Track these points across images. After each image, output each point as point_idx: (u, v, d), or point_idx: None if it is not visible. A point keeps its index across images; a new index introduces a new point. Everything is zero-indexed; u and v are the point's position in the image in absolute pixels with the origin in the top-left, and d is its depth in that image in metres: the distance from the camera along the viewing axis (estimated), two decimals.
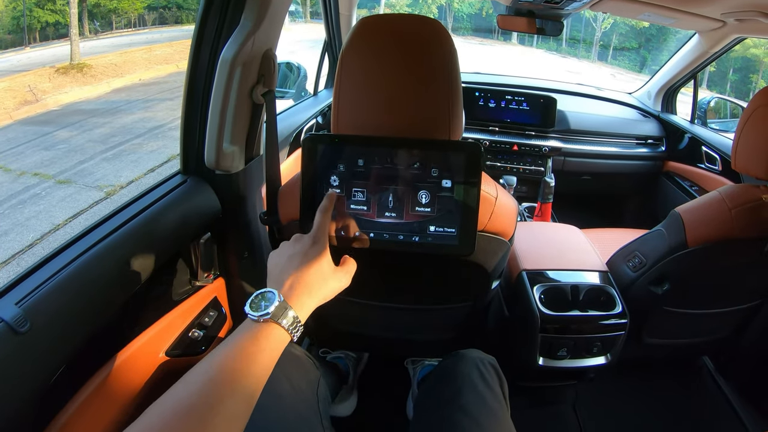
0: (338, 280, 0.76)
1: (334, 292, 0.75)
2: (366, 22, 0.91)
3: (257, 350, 0.62)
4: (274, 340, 0.65)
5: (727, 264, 1.41)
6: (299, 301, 0.69)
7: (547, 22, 2.22)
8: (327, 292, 0.74)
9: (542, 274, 1.51)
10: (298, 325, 0.67)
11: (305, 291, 0.70)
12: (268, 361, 0.63)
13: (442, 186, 0.81)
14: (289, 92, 2.31)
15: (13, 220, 5.09)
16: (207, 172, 1.28)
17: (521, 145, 2.67)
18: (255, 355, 0.62)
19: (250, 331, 0.64)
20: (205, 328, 1.31)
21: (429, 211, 0.82)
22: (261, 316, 0.64)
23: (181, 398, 0.57)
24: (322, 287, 0.73)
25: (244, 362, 0.61)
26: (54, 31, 14.04)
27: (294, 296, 0.68)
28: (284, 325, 0.65)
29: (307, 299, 0.70)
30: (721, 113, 2.80)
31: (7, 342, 0.77)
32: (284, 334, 0.66)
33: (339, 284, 0.76)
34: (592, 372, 1.55)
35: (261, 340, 0.63)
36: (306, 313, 0.70)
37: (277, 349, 0.65)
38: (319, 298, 0.72)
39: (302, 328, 0.68)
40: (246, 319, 0.66)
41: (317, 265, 0.73)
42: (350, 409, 1.68)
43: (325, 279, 0.73)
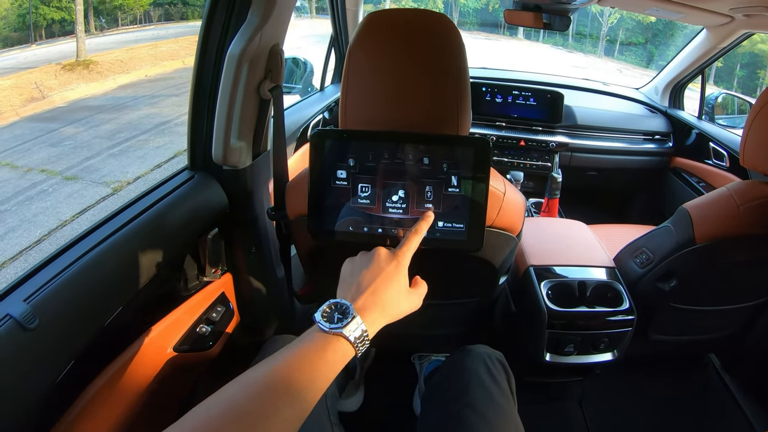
0: (411, 302, 0.75)
1: (405, 313, 0.74)
2: (373, 17, 0.91)
3: (322, 363, 0.61)
4: (340, 354, 0.63)
5: (734, 261, 1.40)
6: (371, 318, 0.67)
7: (555, 17, 2.21)
8: (398, 312, 0.72)
9: (549, 269, 1.50)
10: (365, 340, 0.66)
11: (379, 308, 0.69)
12: (330, 373, 0.62)
13: (451, 181, 0.81)
14: (296, 88, 2.31)
15: (21, 217, 5.12)
16: (214, 168, 1.28)
17: (528, 141, 2.66)
18: (319, 367, 0.61)
19: (318, 341, 0.63)
20: (213, 323, 1.31)
21: (437, 206, 0.82)
22: (333, 329, 0.63)
23: (235, 401, 0.55)
24: (396, 307, 0.72)
25: (307, 373, 0.59)
26: (60, 28, 14.05)
27: (367, 312, 0.67)
28: (352, 341, 0.64)
29: (379, 317, 0.69)
30: (728, 109, 2.78)
31: (15, 338, 0.77)
32: (350, 349, 0.64)
33: (410, 306, 0.75)
34: (598, 368, 1.55)
35: (328, 353, 0.62)
36: (375, 330, 0.68)
37: (341, 362, 0.63)
38: (390, 318, 0.71)
39: (368, 343, 0.66)
40: (314, 327, 0.64)
41: (396, 284, 0.72)
42: (357, 404, 1.68)
43: (399, 299, 0.72)
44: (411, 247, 0.76)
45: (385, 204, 0.82)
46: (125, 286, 1.02)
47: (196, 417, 0.53)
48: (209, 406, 0.55)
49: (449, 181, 0.81)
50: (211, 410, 0.54)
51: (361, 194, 0.83)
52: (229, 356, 1.37)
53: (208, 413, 0.54)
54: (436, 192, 0.81)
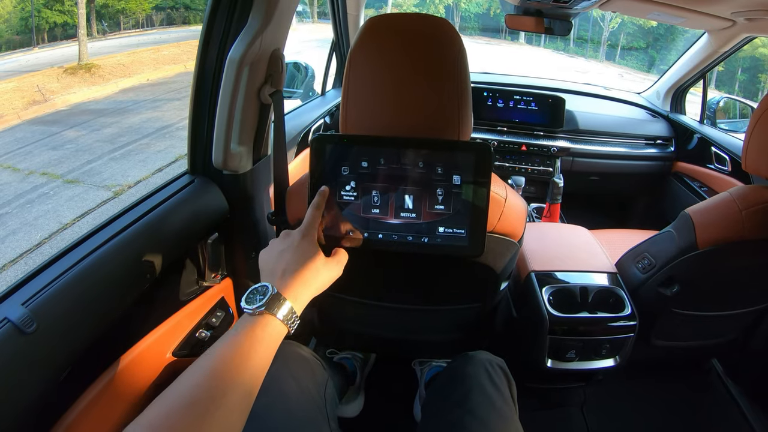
0: (330, 270, 0.77)
1: (327, 283, 0.77)
2: (374, 21, 0.91)
3: (255, 342, 0.63)
4: (271, 331, 0.66)
5: (737, 266, 1.39)
6: (294, 293, 0.70)
7: (556, 21, 2.21)
8: (320, 282, 0.75)
9: (551, 275, 1.50)
10: (294, 317, 0.68)
11: (299, 282, 0.71)
12: (266, 353, 0.65)
13: (452, 186, 0.80)
14: (297, 92, 2.30)
15: (22, 220, 5.13)
16: (214, 173, 1.28)
17: (529, 146, 2.65)
18: (253, 347, 0.63)
19: (247, 324, 0.65)
20: (213, 328, 1.31)
21: (438, 211, 0.81)
22: (256, 308, 0.66)
23: (182, 393, 0.57)
24: (316, 278, 0.74)
25: (243, 355, 0.62)
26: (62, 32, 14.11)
27: (288, 288, 0.70)
28: (280, 317, 0.66)
29: (302, 289, 0.71)
30: (730, 113, 2.77)
31: (13, 342, 0.77)
32: (281, 326, 0.67)
33: (331, 274, 0.77)
34: (600, 374, 1.54)
35: (257, 333, 0.64)
36: (301, 304, 0.71)
37: (275, 340, 0.66)
38: (313, 289, 0.74)
39: (299, 320, 0.69)
40: (243, 314, 0.67)
41: (308, 256, 0.75)
42: (357, 409, 1.68)
43: (317, 270, 0.74)
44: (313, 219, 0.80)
45: (388, 209, 0.82)
46: (124, 290, 1.01)
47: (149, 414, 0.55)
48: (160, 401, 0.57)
49: (451, 186, 0.80)
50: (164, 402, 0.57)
51: (360, 199, 0.83)
52: None
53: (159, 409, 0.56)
54: (438, 197, 0.81)
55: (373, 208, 0.83)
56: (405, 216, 0.82)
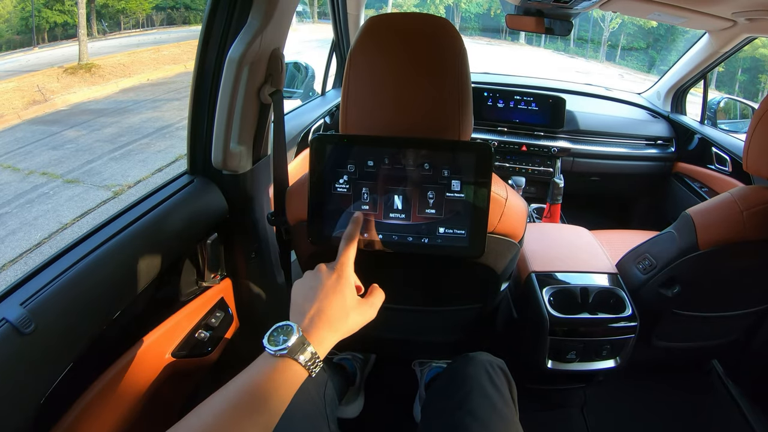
0: (362, 313, 0.75)
1: (358, 326, 0.74)
2: (374, 21, 0.91)
3: (273, 386, 0.61)
4: (290, 376, 0.64)
5: (738, 267, 1.39)
6: (319, 336, 0.67)
7: (556, 21, 2.21)
8: (350, 326, 0.72)
9: (551, 276, 1.49)
10: (316, 360, 0.66)
11: (326, 326, 0.69)
12: (283, 396, 0.62)
13: (452, 187, 0.80)
14: (297, 92, 2.30)
15: (21, 219, 5.13)
16: (214, 173, 1.27)
17: (530, 146, 2.65)
18: (271, 391, 0.61)
19: (267, 366, 0.63)
20: (212, 329, 1.30)
21: (438, 212, 0.81)
22: (278, 352, 0.63)
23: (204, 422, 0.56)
24: (345, 322, 0.71)
25: (259, 398, 0.60)
26: (62, 32, 14.11)
27: (314, 331, 0.67)
28: (301, 362, 0.64)
29: (328, 334, 0.69)
30: (731, 114, 2.77)
31: (11, 343, 0.77)
32: (301, 371, 0.65)
33: (363, 318, 0.75)
34: (601, 375, 1.54)
35: (277, 376, 0.62)
36: (326, 348, 0.68)
37: (294, 385, 0.64)
38: (341, 333, 0.71)
39: (321, 364, 0.67)
40: (264, 353, 0.65)
41: (340, 298, 0.72)
42: (357, 410, 1.67)
43: (347, 313, 0.72)
44: (348, 255, 0.76)
45: (386, 210, 0.82)
46: (123, 291, 1.01)
47: None
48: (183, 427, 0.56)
49: (451, 186, 0.80)
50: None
51: (361, 200, 0.82)
52: (228, 362, 1.37)
53: None
54: (437, 198, 0.80)
55: (372, 208, 0.82)
56: (404, 216, 0.82)
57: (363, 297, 0.77)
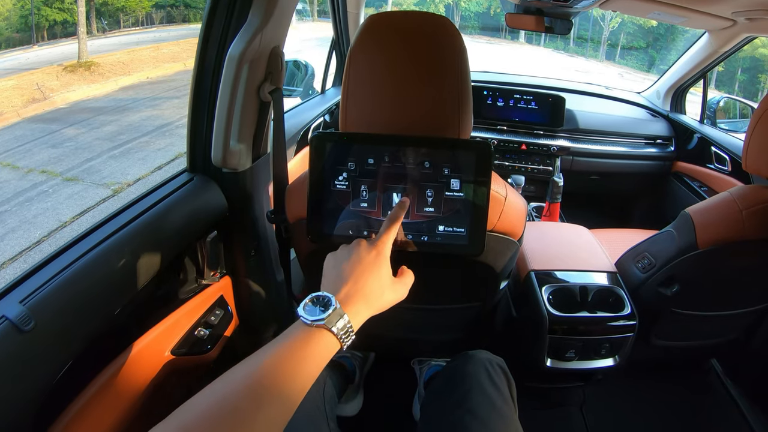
0: (395, 291, 0.74)
1: (390, 304, 0.74)
2: (374, 19, 0.91)
3: (306, 356, 0.60)
4: (324, 347, 0.63)
5: (737, 266, 1.39)
6: (354, 309, 0.67)
7: (556, 20, 2.21)
8: (383, 303, 0.72)
9: (551, 274, 1.50)
10: (350, 332, 0.65)
11: (362, 299, 0.68)
12: (315, 367, 0.61)
13: (452, 185, 0.80)
14: (297, 90, 2.30)
15: (21, 218, 5.12)
16: (214, 170, 1.27)
17: (529, 145, 2.65)
18: (303, 361, 0.60)
19: (301, 334, 0.62)
20: (211, 326, 1.30)
21: (438, 210, 0.81)
22: (315, 321, 0.63)
23: (219, 398, 0.55)
24: (380, 298, 0.71)
25: (291, 367, 0.59)
26: (62, 30, 14.07)
27: (350, 303, 0.67)
28: (336, 333, 0.63)
29: (363, 308, 0.68)
30: (730, 113, 2.77)
31: (11, 340, 0.77)
32: (334, 342, 0.64)
33: (395, 296, 0.74)
34: (600, 374, 1.54)
35: (311, 346, 0.61)
36: (359, 321, 0.68)
37: (326, 356, 0.63)
38: (375, 309, 0.71)
39: (354, 337, 0.66)
40: (297, 321, 0.64)
41: (377, 274, 0.71)
42: (356, 408, 1.67)
43: (383, 289, 0.72)
44: (390, 234, 0.76)
45: (386, 208, 0.82)
46: (123, 289, 1.01)
47: (182, 416, 0.53)
48: (194, 404, 0.54)
49: (450, 184, 0.80)
50: (196, 408, 0.54)
51: (361, 198, 0.82)
52: (228, 360, 1.36)
53: (193, 412, 0.53)
54: (436, 196, 0.80)
55: (371, 206, 0.82)
56: None
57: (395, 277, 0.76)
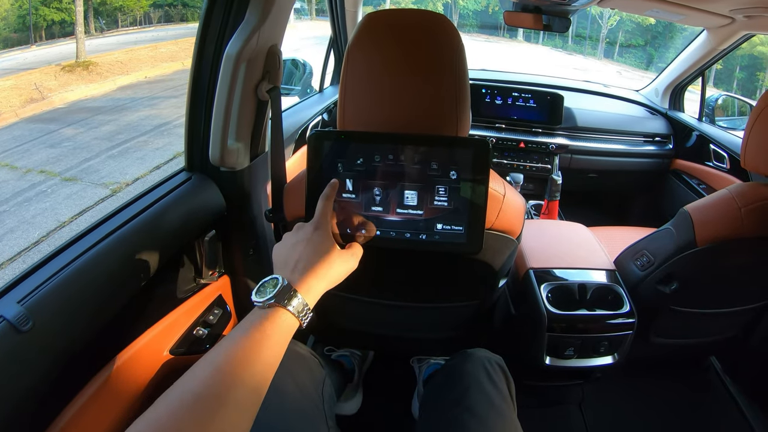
0: (345, 262, 0.75)
1: (342, 276, 0.75)
2: (372, 17, 0.90)
3: (264, 337, 0.61)
4: (282, 325, 0.64)
5: (736, 263, 1.39)
6: (306, 285, 0.68)
7: (554, 18, 2.21)
8: (334, 275, 0.73)
9: (549, 272, 1.50)
10: (306, 310, 0.66)
11: (312, 275, 0.69)
12: (276, 347, 0.62)
13: (450, 183, 0.80)
14: (295, 89, 2.30)
15: (19, 218, 5.12)
16: (212, 169, 1.27)
17: (528, 143, 2.65)
18: (262, 341, 0.61)
19: (257, 318, 0.63)
20: (210, 326, 1.30)
21: (436, 208, 0.81)
22: (266, 301, 0.64)
23: (188, 389, 0.55)
24: (329, 270, 0.72)
25: (252, 350, 0.60)
26: (60, 29, 14.07)
27: (300, 281, 0.68)
28: (291, 310, 0.64)
29: (315, 282, 0.69)
30: (729, 111, 2.77)
31: (9, 340, 0.76)
32: (292, 319, 0.65)
33: (346, 266, 0.75)
34: (598, 371, 1.54)
35: (267, 326, 0.62)
36: (314, 297, 0.69)
37: (286, 334, 0.64)
38: (327, 282, 0.72)
39: (311, 314, 0.67)
40: (254, 308, 0.65)
41: (321, 248, 0.73)
42: (355, 407, 1.67)
43: (330, 262, 0.72)
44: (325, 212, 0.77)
45: (386, 206, 0.82)
46: (121, 288, 1.01)
47: (158, 408, 0.54)
48: (169, 395, 0.55)
49: (448, 182, 0.80)
50: (170, 398, 0.55)
51: (360, 196, 0.82)
52: None
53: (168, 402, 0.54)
54: (435, 194, 0.80)
55: (370, 204, 0.82)
56: (402, 213, 0.82)
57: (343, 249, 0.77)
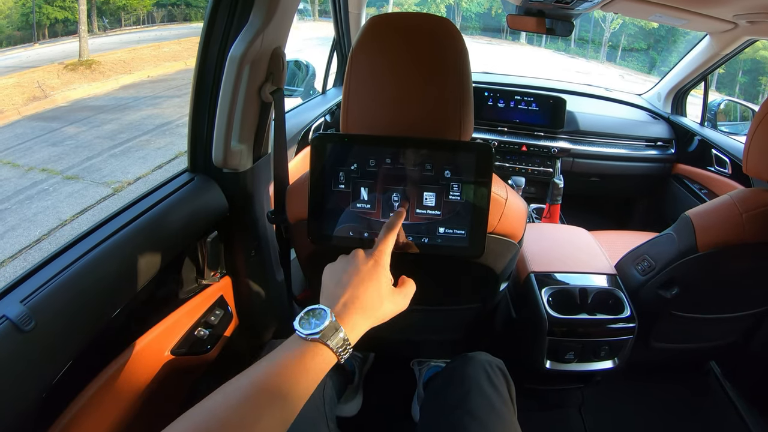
0: (395, 302, 0.73)
1: (390, 315, 0.72)
2: (376, 21, 0.91)
3: (302, 370, 0.60)
4: (320, 361, 0.62)
5: (737, 269, 1.39)
6: (351, 322, 0.66)
7: (557, 22, 2.21)
8: (382, 314, 0.70)
9: (550, 276, 1.50)
10: (347, 346, 0.64)
11: (359, 311, 0.67)
12: (311, 382, 0.60)
13: (452, 187, 0.80)
14: (298, 90, 2.30)
15: (21, 216, 5.13)
16: (214, 171, 1.27)
17: (530, 146, 2.65)
18: (298, 375, 0.59)
19: (297, 349, 0.61)
20: (211, 326, 1.31)
21: (438, 212, 0.81)
22: (309, 335, 0.62)
23: (215, 411, 0.54)
24: (378, 309, 0.69)
25: (286, 382, 0.58)
26: (63, 28, 14.08)
27: (347, 316, 0.66)
28: (332, 347, 0.62)
29: (361, 320, 0.67)
30: (731, 116, 2.77)
31: (11, 340, 0.77)
32: (331, 356, 0.63)
33: (395, 307, 0.73)
34: (599, 375, 1.54)
35: (307, 360, 0.60)
36: (357, 334, 0.66)
37: (322, 370, 0.62)
38: (374, 320, 0.69)
39: (351, 350, 0.65)
40: (293, 335, 0.63)
41: (376, 285, 0.70)
42: (356, 408, 1.67)
43: (381, 300, 0.70)
44: (387, 243, 0.74)
45: (386, 209, 0.82)
46: (123, 289, 1.01)
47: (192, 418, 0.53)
48: (192, 417, 0.54)
49: (451, 186, 0.80)
50: (194, 421, 0.54)
51: (361, 199, 0.82)
52: (228, 360, 1.37)
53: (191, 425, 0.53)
54: (437, 197, 0.81)
55: (372, 207, 0.82)
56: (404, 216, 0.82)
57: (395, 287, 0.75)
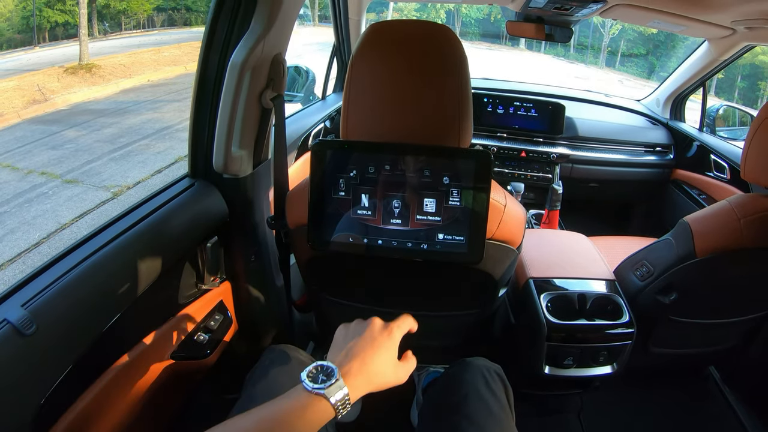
0: (396, 374, 0.77)
1: (389, 384, 0.77)
2: (376, 28, 0.91)
3: (301, 422, 0.64)
4: (320, 415, 0.66)
5: (735, 274, 1.39)
6: (355, 383, 0.70)
7: (556, 28, 2.22)
8: (383, 382, 0.75)
9: (549, 282, 1.50)
10: (346, 403, 0.68)
11: (364, 376, 0.72)
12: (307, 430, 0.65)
13: (451, 193, 0.80)
14: (298, 96, 2.31)
15: (20, 219, 5.12)
16: (215, 176, 1.28)
17: (529, 152, 2.66)
18: (297, 422, 0.64)
19: (300, 400, 0.66)
20: (211, 331, 1.31)
21: (437, 218, 0.81)
22: (316, 389, 0.67)
23: None
24: (382, 377, 0.74)
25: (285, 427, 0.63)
26: (63, 31, 14.08)
27: (352, 378, 0.70)
28: (333, 402, 0.67)
29: (364, 384, 0.72)
30: (730, 121, 2.77)
31: (12, 344, 0.77)
32: (330, 411, 0.67)
33: (396, 378, 0.78)
34: (597, 381, 1.54)
35: (308, 412, 0.65)
36: (357, 395, 0.71)
37: (320, 423, 0.66)
38: (374, 386, 0.74)
39: (349, 407, 0.69)
40: (298, 385, 0.68)
41: (384, 355, 0.75)
42: (354, 414, 1.67)
43: (386, 370, 0.75)
44: (405, 323, 0.81)
45: (385, 215, 0.82)
46: (124, 293, 1.01)
47: None
48: None
49: (450, 193, 0.80)
50: None
51: (361, 205, 0.83)
52: (227, 364, 1.37)
53: None
54: (436, 204, 0.81)
55: (372, 213, 0.83)
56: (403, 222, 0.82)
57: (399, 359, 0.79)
